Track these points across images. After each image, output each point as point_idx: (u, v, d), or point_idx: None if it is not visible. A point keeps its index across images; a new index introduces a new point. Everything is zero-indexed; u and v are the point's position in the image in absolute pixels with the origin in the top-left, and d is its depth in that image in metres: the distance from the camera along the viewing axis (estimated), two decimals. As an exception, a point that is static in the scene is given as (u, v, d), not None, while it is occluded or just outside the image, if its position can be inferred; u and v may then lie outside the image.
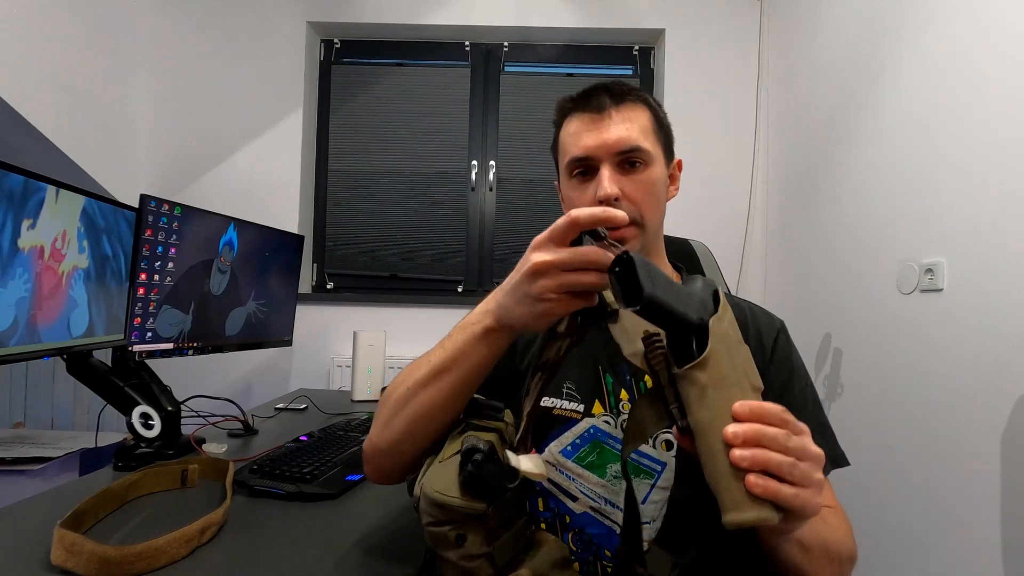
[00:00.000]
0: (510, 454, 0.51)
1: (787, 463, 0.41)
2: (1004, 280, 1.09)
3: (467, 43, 2.31)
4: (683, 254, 1.08)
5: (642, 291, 0.43)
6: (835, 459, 0.70)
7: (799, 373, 0.73)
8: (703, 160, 2.12)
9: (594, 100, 0.72)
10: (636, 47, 2.32)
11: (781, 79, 2.06)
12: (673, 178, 0.79)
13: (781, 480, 0.40)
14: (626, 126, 0.70)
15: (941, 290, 1.24)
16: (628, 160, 0.70)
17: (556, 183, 0.81)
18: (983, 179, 1.15)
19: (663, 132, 0.75)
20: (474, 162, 2.29)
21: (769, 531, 0.45)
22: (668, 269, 0.80)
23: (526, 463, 0.50)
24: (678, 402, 0.46)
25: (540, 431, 0.68)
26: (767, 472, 0.40)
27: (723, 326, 0.45)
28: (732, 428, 0.41)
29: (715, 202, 2.14)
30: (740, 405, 0.42)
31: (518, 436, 0.55)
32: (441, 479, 0.52)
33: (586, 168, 0.72)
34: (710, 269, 1.05)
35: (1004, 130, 1.10)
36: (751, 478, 0.40)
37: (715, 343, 0.44)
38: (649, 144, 0.71)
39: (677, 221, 2.06)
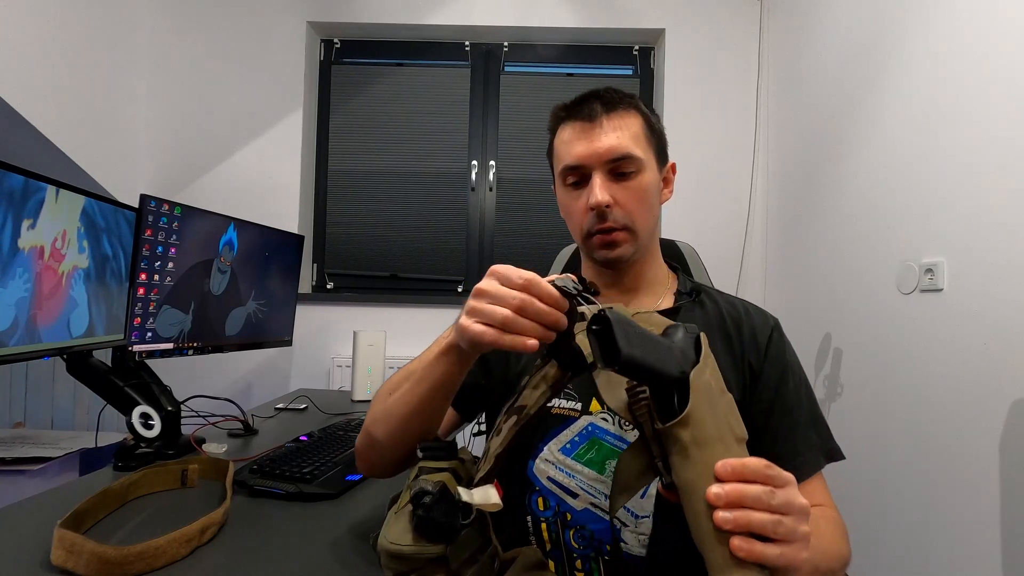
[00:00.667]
0: (462, 490, 0.51)
1: (771, 521, 0.40)
2: (1004, 280, 1.09)
3: (467, 43, 2.31)
4: (670, 255, 1.09)
5: (619, 351, 0.42)
6: (829, 453, 0.71)
7: (793, 369, 0.74)
8: (703, 160, 2.13)
9: (586, 108, 0.73)
10: (636, 47, 2.32)
11: (781, 79, 2.06)
12: (667, 182, 0.80)
13: (766, 538, 0.40)
14: (617, 134, 0.71)
15: (941, 290, 1.24)
16: (620, 167, 0.72)
17: (553, 187, 0.82)
18: (983, 179, 1.15)
19: (655, 137, 0.76)
20: (474, 162, 2.29)
21: None
22: (664, 270, 0.82)
23: (479, 496, 0.50)
24: (663, 456, 0.45)
25: (539, 429, 0.68)
26: (752, 531, 0.40)
27: (704, 378, 0.45)
28: (715, 489, 0.41)
29: (715, 202, 2.14)
30: (722, 465, 0.42)
31: (481, 475, 0.53)
32: (395, 529, 0.52)
33: (579, 176, 0.74)
34: (696, 269, 1.06)
35: (1004, 129, 1.10)
36: (735, 541, 0.39)
37: (696, 398, 0.43)
38: (640, 151, 0.72)
39: (677, 222, 2.08)
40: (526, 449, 0.68)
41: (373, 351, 1.72)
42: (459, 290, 2.28)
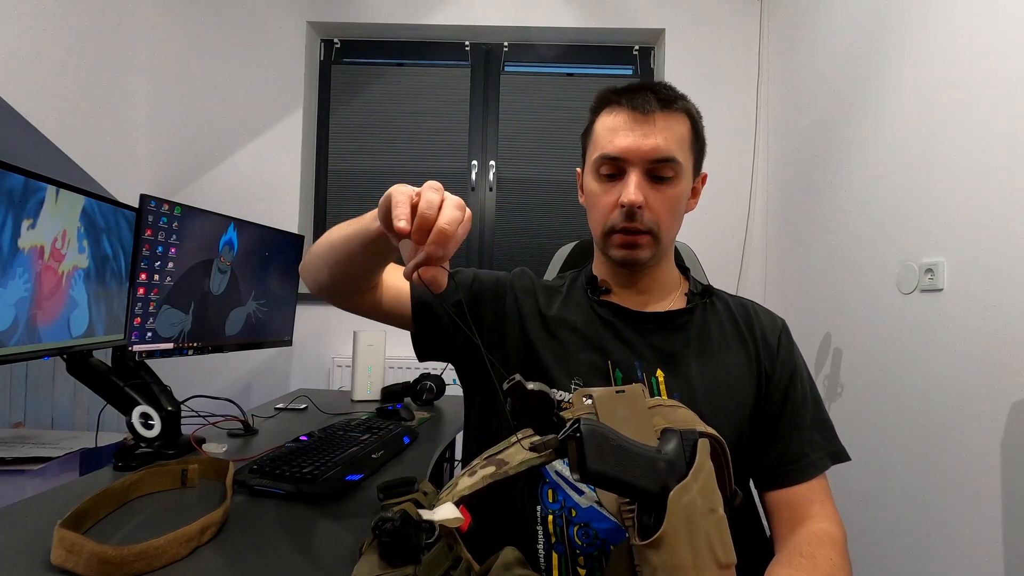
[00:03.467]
0: (423, 511, 0.50)
1: None
2: (1004, 280, 1.09)
3: (467, 43, 2.31)
4: None
5: (586, 467, 0.42)
6: (835, 454, 0.71)
7: (801, 372, 0.74)
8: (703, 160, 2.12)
9: (640, 99, 0.70)
10: (636, 47, 2.32)
11: (781, 79, 2.06)
12: (695, 191, 0.79)
13: None
14: (665, 135, 0.69)
15: (941, 290, 1.24)
16: (659, 170, 0.70)
17: (578, 169, 0.80)
18: (983, 179, 1.15)
19: (698, 145, 0.75)
20: (474, 162, 2.29)
21: None
22: (675, 272, 0.82)
23: (440, 513, 0.49)
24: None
25: None
26: None
27: (688, 496, 0.43)
28: None
29: (715, 202, 2.14)
30: None
31: (451, 504, 0.52)
32: (363, 565, 0.52)
33: (615, 169, 0.71)
34: (694, 270, 1.06)
35: (1004, 129, 1.10)
36: None
37: (672, 521, 0.42)
38: (683, 157, 0.71)
39: (677, 221, 2.08)
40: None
41: (373, 351, 1.72)
42: (459, 290, 2.27)
